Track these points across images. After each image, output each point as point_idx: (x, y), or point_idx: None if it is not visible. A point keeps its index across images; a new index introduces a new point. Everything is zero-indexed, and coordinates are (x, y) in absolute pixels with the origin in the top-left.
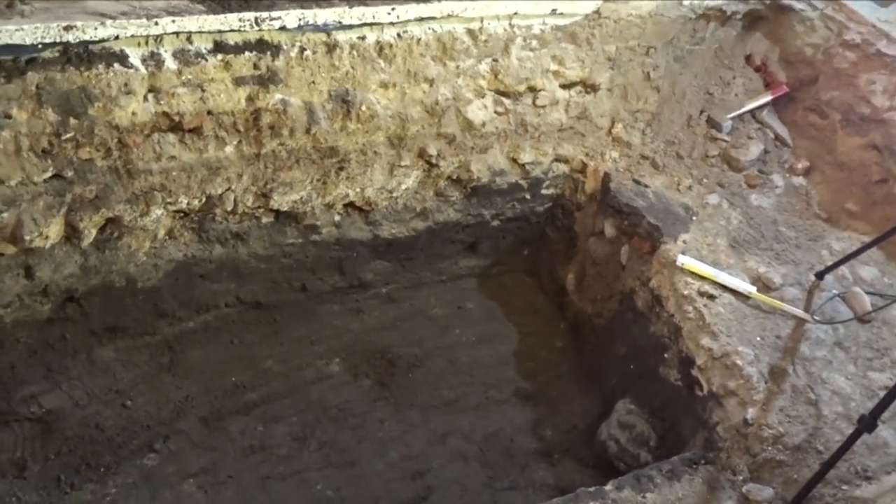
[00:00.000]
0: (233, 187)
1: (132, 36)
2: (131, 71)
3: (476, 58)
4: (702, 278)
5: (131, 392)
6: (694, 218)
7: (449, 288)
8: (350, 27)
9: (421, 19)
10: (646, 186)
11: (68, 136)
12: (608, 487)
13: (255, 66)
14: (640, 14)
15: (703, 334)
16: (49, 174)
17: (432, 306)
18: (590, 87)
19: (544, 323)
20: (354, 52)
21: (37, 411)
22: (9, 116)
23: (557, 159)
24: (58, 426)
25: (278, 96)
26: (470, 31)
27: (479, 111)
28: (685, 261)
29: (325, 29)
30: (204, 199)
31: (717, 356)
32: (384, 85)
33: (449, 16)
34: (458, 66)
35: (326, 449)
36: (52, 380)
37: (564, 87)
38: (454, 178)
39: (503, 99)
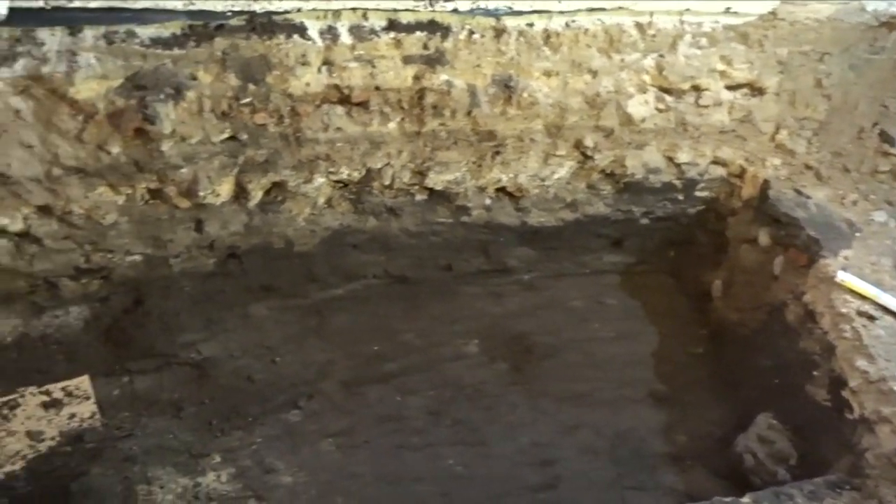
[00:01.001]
0: (392, 162)
1: (313, 9)
2: (309, 43)
3: (642, 52)
4: (862, 298)
5: (280, 349)
6: (857, 234)
7: (590, 281)
8: (520, 13)
9: (591, 10)
10: (807, 197)
11: (246, 101)
12: (745, 500)
13: (425, 46)
14: (818, 18)
15: (859, 356)
16: (226, 136)
17: (572, 298)
18: (756, 91)
19: (684, 326)
20: (521, 39)
21: (196, 357)
22: (195, 78)
23: (715, 161)
24: (213, 373)
25: (444, 77)
26: (638, 25)
27: (640, 106)
28: (845, 278)
29: (495, 14)
30: (364, 172)
31: (872, 380)
32: (547, 73)
33: (619, 8)
34: (622, 60)
35: (459, 426)
36: (210, 329)
37: (730, 88)
38: (607, 171)
39: (665, 96)
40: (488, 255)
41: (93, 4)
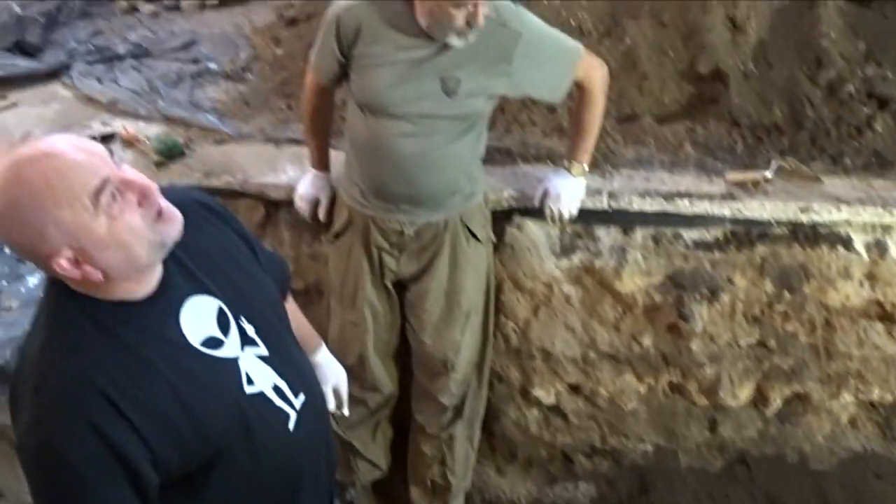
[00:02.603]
0: None
1: (862, 223)
2: (853, 255)
3: None
4: None
5: None
6: None
7: None
8: None
9: None
10: None
11: (779, 308)
12: None
13: None
14: None
15: None
16: (753, 340)
17: None
18: None
19: None
20: None
21: None
22: (731, 281)
23: None
24: None
25: None
26: None
27: None
28: None
29: None
30: None
31: None
32: None
33: None
34: None
35: None
36: None
37: None
38: None
39: None
40: None
41: (649, 209)
